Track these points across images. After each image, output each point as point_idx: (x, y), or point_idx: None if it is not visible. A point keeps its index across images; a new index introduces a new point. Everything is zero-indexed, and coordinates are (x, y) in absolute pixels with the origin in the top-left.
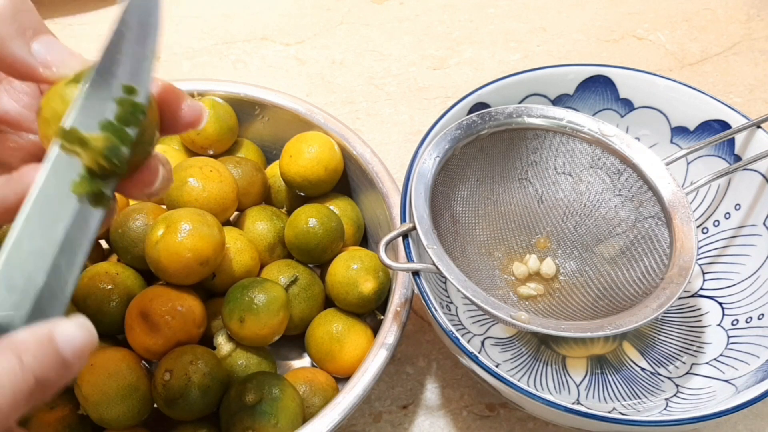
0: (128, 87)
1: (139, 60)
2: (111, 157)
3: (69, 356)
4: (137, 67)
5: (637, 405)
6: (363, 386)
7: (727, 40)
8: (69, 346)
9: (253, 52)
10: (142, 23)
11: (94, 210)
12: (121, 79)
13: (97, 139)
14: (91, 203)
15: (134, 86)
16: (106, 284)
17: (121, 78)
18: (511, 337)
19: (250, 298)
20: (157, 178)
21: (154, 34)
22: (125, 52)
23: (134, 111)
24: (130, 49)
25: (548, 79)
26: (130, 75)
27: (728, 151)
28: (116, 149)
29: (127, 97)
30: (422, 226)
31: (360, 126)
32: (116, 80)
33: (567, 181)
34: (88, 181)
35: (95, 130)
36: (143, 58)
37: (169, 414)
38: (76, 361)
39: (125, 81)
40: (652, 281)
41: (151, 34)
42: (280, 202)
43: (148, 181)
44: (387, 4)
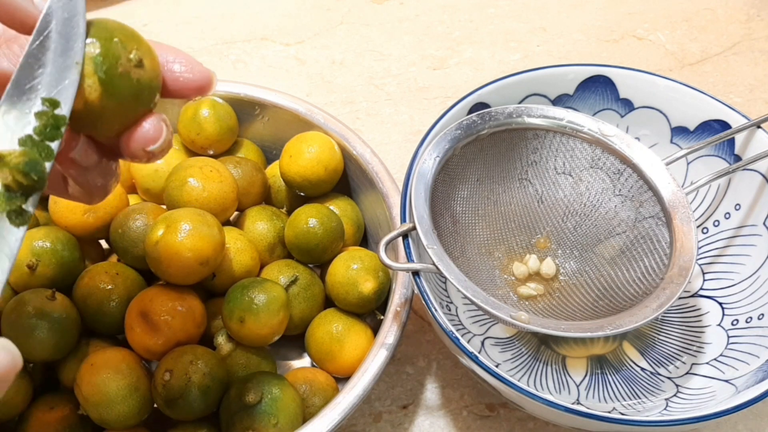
0: (49, 100)
1: (61, 71)
2: (29, 172)
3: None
4: (59, 78)
5: (637, 405)
6: (363, 386)
7: (727, 40)
8: None
9: (253, 52)
10: (64, 32)
11: (14, 228)
12: (42, 92)
13: (14, 154)
14: (11, 221)
15: (55, 99)
16: (106, 284)
17: (42, 91)
18: (511, 337)
19: (250, 298)
20: (161, 135)
21: (79, 42)
22: (46, 63)
23: (56, 125)
24: (51, 59)
25: (548, 79)
26: (50, 87)
27: (728, 151)
28: (35, 164)
29: (47, 110)
30: (422, 226)
31: (360, 126)
32: (36, 93)
33: (567, 181)
34: (6, 198)
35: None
36: (66, 69)
37: (169, 414)
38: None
39: (45, 94)
40: (652, 281)
41: (74, 44)
42: (280, 202)
43: (152, 136)
44: (387, 4)
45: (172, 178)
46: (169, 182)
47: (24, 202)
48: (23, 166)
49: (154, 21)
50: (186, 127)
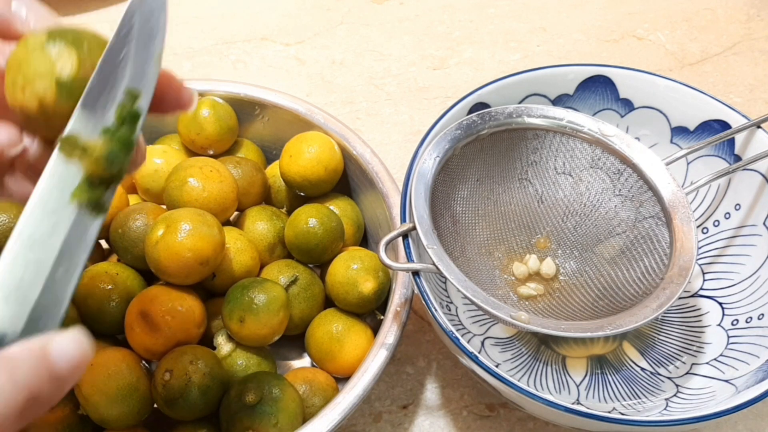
0: (131, 91)
1: (142, 64)
2: (111, 163)
3: (63, 370)
4: (140, 71)
5: (637, 405)
6: (363, 386)
7: (727, 40)
8: (63, 361)
9: (253, 52)
10: (146, 26)
11: (92, 218)
12: (124, 83)
13: (98, 145)
14: (90, 211)
15: (137, 91)
16: (106, 284)
17: (124, 82)
18: (511, 337)
19: (250, 298)
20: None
21: (159, 37)
22: (128, 56)
23: (136, 116)
24: (133, 52)
25: (548, 79)
26: (132, 79)
27: (728, 151)
28: (116, 156)
29: (128, 102)
30: (422, 226)
31: (360, 126)
32: (118, 85)
33: (567, 181)
34: (87, 188)
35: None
36: (147, 62)
37: (169, 414)
38: (71, 375)
39: (128, 85)
40: (652, 281)
41: (155, 38)
42: (280, 202)
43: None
44: (387, 4)
45: (172, 178)
46: (169, 182)
47: (104, 194)
48: (106, 158)
49: None
50: (186, 127)
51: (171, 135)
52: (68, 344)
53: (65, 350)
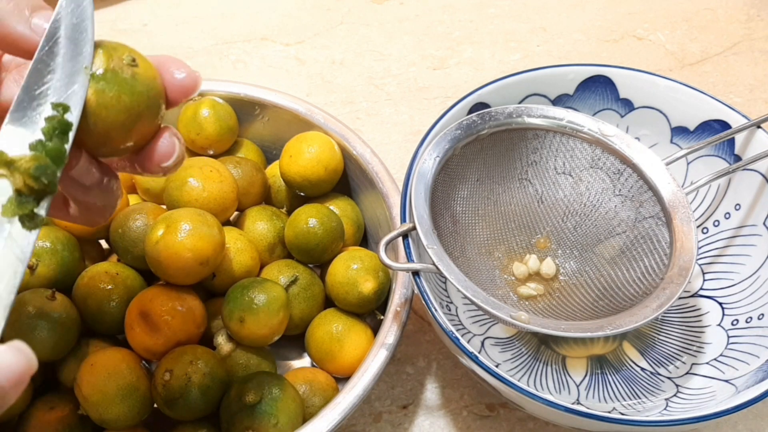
0: (59, 105)
1: (70, 75)
2: (40, 176)
3: (4, 384)
4: (69, 83)
5: (637, 405)
6: (363, 386)
7: (727, 40)
8: (3, 374)
9: (253, 52)
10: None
11: (27, 232)
12: (51, 97)
13: (25, 159)
14: (23, 225)
15: (65, 103)
16: (106, 284)
17: (51, 96)
18: (511, 337)
19: (250, 298)
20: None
21: (87, 48)
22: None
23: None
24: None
25: (548, 79)
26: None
27: (728, 151)
28: (45, 168)
29: (57, 114)
30: (422, 226)
31: (360, 126)
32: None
33: (567, 181)
34: (18, 203)
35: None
36: (75, 73)
37: (169, 414)
38: (12, 389)
39: (55, 99)
40: (652, 281)
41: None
42: (280, 202)
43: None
44: (387, 4)
45: (172, 178)
46: (169, 182)
47: (36, 206)
48: (34, 171)
49: (154, 21)
50: (186, 127)
51: None
52: (8, 357)
53: (5, 363)
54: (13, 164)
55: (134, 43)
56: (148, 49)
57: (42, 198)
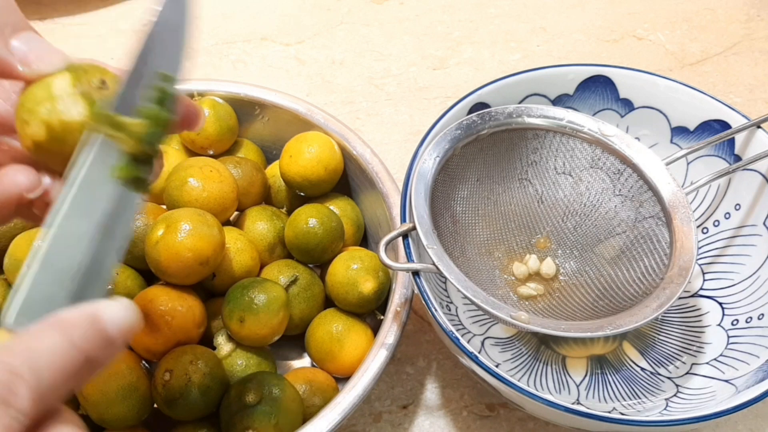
0: (165, 75)
1: (173, 50)
2: (150, 141)
3: (115, 335)
4: (172, 57)
5: (637, 405)
6: (363, 386)
7: (727, 40)
8: (115, 326)
9: (253, 52)
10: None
11: (133, 194)
12: (158, 67)
13: (137, 124)
14: (131, 188)
15: (170, 74)
16: None
17: (158, 66)
18: (511, 337)
19: (250, 298)
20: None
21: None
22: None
23: (170, 97)
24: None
25: (548, 79)
26: (165, 64)
27: (728, 151)
28: (155, 134)
29: (163, 84)
30: (422, 226)
31: (360, 126)
32: (153, 69)
33: (567, 181)
34: (128, 166)
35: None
36: (178, 49)
37: (169, 414)
38: (121, 340)
39: (161, 69)
40: (652, 281)
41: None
42: (280, 202)
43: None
44: (387, 4)
45: (172, 178)
46: (169, 182)
47: (143, 170)
48: (146, 136)
49: None
50: None
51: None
52: (119, 311)
53: (116, 315)
54: (128, 128)
55: None
56: None
57: (149, 163)
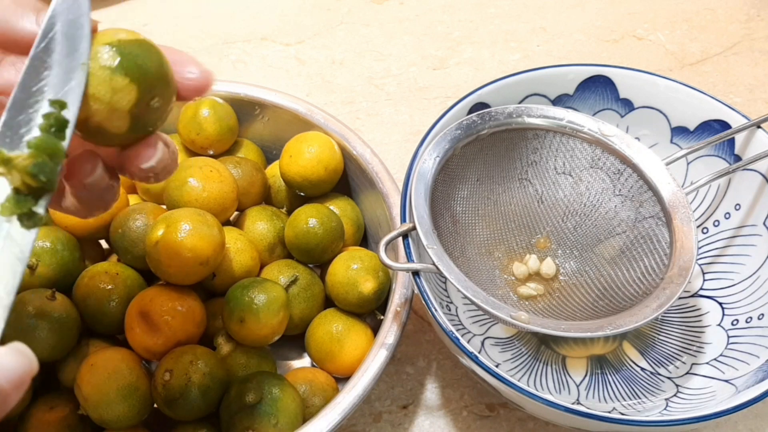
0: (57, 101)
1: (67, 72)
2: (38, 174)
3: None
4: (66, 80)
5: (637, 405)
6: (363, 386)
7: (727, 40)
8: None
9: (253, 52)
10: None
11: (25, 231)
12: (48, 93)
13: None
14: (22, 224)
15: (62, 100)
16: (106, 284)
17: (48, 93)
18: (511, 337)
19: (250, 298)
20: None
21: (84, 44)
22: (52, 65)
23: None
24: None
25: (548, 79)
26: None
27: (728, 151)
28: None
29: (54, 111)
30: (422, 226)
31: (360, 126)
32: (43, 95)
33: (567, 181)
34: (15, 201)
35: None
36: (72, 70)
37: (169, 414)
38: (13, 390)
39: (52, 95)
40: (652, 281)
41: (80, 45)
42: (280, 202)
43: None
44: (387, 4)
45: (172, 178)
46: (169, 182)
47: (34, 204)
48: (32, 168)
49: (154, 21)
50: (186, 127)
51: (171, 135)
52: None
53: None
54: (11, 162)
55: None
56: None
57: (40, 196)
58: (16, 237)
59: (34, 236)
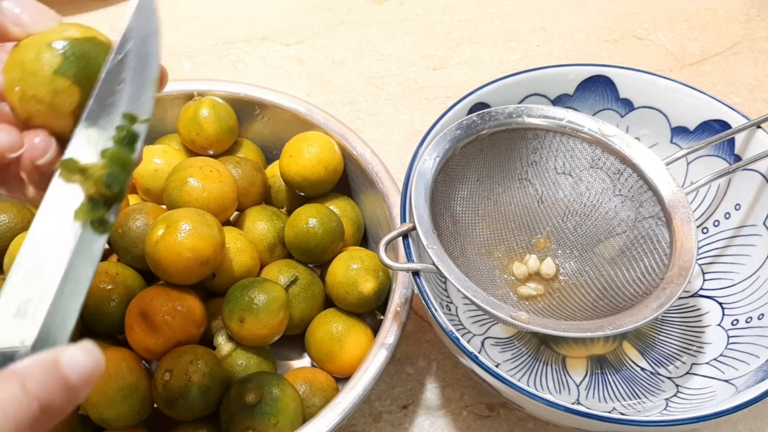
0: (129, 115)
1: (139, 87)
2: (111, 183)
3: (75, 381)
4: (137, 94)
5: (637, 405)
6: (363, 386)
7: (727, 40)
8: (75, 372)
9: (253, 52)
10: (143, 50)
11: (97, 236)
12: (122, 107)
13: (97, 167)
14: (94, 230)
15: (135, 114)
16: (106, 284)
17: (122, 106)
18: (511, 337)
19: (250, 298)
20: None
21: (154, 61)
22: (125, 80)
23: (134, 138)
24: (129, 76)
25: (548, 79)
26: (130, 102)
27: (728, 151)
28: (116, 176)
29: (126, 124)
30: (422, 226)
31: (360, 126)
32: (116, 108)
33: (567, 181)
34: (89, 208)
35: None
36: (143, 85)
37: (169, 414)
38: (83, 386)
39: (125, 108)
40: (652, 281)
41: (151, 61)
42: (280, 202)
43: None
44: (387, 4)
45: (172, 178)
46: (169, 182)
47: (106, 212)
48: (106, 178)
49: None
50: (186, 127)
51: (171, 135)
52: (80, 356)
53: (77, 361)
54: (86, 172)
55: None
56: None
57: (112, 204)
58: (88, 242)
59: (104, 241)
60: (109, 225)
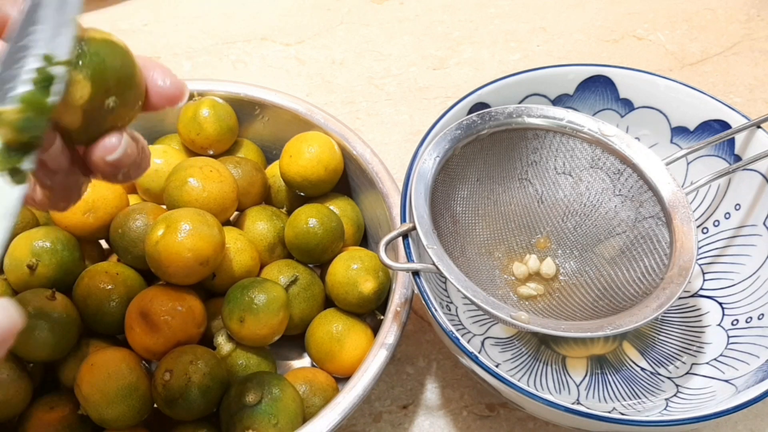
0: (47, 56)
1: (57, 27)
2: (27, 129)
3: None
4: (55, 35)
5: (637, 405)
6: (363, 386)
7: (727, 40)
8: None
9: (253, 52)
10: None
11: (12, 186)
12: (39, 48)
13: (11, 111)
14: (11, 179)
15: (52, 55)
16: (106, 284)
17: (39, 48)
18: (511, 337)
19: (250, 298)
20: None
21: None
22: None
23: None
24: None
25: (548, 79)
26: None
27: (728, 151)
28: (31, 121)
29: (45, 66)
30: (422, 226)
31: (360, 126)
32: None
33: (567, 181)
34: (4, 156)
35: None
36: (62, 25)
37: (169, 414)
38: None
39: (43, 50)
40: (652, 281)
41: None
42: (280, 202)
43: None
44: (387, 4)
45: (172, 178)
46: (169, 182)
47: (22, 160)
48: (21, 123)
49: (154, 21)
50: (186, 127)
51: (171, 135)
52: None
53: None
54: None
55: (135, 43)
56: (148, 49)
57: (28, 151)
58: (3, 192)
59: (22, 193)
60: (25, 174)
